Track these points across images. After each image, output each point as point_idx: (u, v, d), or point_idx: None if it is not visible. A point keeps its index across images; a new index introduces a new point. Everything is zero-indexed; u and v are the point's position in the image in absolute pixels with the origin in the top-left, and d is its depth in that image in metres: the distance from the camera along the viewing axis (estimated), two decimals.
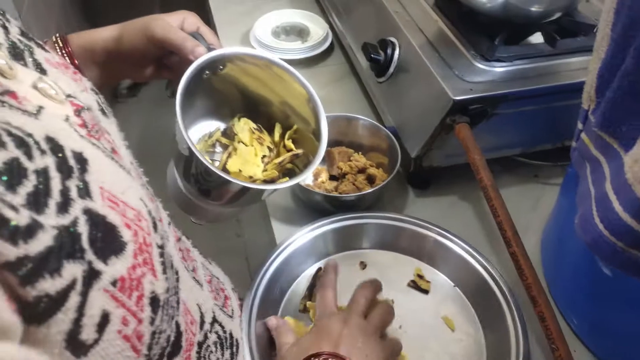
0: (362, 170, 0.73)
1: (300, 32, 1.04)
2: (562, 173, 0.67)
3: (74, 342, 0.26)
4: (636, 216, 0.36)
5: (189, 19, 0.57)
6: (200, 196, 0.52)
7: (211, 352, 0.45)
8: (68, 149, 0.29)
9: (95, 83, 0.59)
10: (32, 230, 0.24)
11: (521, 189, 0.78)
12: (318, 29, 1.03)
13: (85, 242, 0.27)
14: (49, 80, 0.34)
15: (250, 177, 0.54)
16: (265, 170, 0.56)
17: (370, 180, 0.73)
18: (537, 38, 0.76)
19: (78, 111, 0.34)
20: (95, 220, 0.28)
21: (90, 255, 0.27)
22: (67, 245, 0.26)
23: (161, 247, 0.35)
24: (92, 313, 0.27)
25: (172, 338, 0.36)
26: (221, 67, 0.53)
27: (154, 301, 0.32)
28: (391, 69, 0.75)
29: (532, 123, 0.72)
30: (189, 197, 0.52)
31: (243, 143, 0.56)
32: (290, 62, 0.95)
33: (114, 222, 0.30)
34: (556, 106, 0.70)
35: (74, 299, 0.26)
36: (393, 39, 0.75)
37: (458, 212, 0.74)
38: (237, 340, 0.52)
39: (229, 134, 0.57)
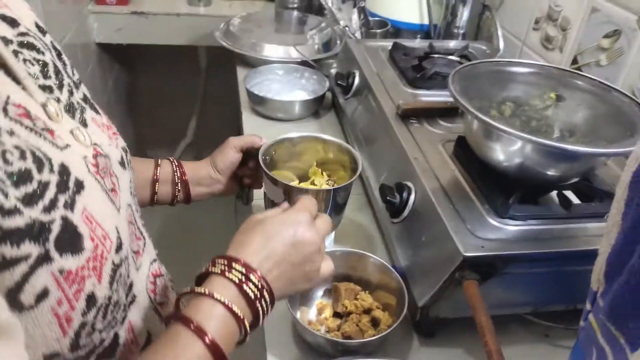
0: (367, 311, 0.72)
1: None
2: (574, 336, 0.64)
3: (13, 299, 0.35)
4: None
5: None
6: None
7: None
8: (73, 176, 0.42)
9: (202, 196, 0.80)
10: (12, 212, 0.34)
11: (530, 347, 0.75)
12: None
13: (53, 236, 0.37)
14: (85, 131, 0.47)
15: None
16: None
17: (375, 322, 0.71)
18: (554, 196, 0.77)
19: (96, 155, 0.47)
20: (69, 226, 0.39)
21: (50, 245, 0.37)
22: (34, 232, 0.36)
23: (117, 265, 0.45)
24: (34, 284, 0.36)
25: (106, 343, 0.45)
26: (273, 151, 0.79)
27: (91, 299, 0.41)
28: (405, 213, 0.76)
29: (544, 284, 0.71)
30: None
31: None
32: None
33: (82, 232, 0.40)
34: (569, 270, 0.69)
35: (22, 267, 0.35)
36: (410, 184, 0.77)
37: None
38: None
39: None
